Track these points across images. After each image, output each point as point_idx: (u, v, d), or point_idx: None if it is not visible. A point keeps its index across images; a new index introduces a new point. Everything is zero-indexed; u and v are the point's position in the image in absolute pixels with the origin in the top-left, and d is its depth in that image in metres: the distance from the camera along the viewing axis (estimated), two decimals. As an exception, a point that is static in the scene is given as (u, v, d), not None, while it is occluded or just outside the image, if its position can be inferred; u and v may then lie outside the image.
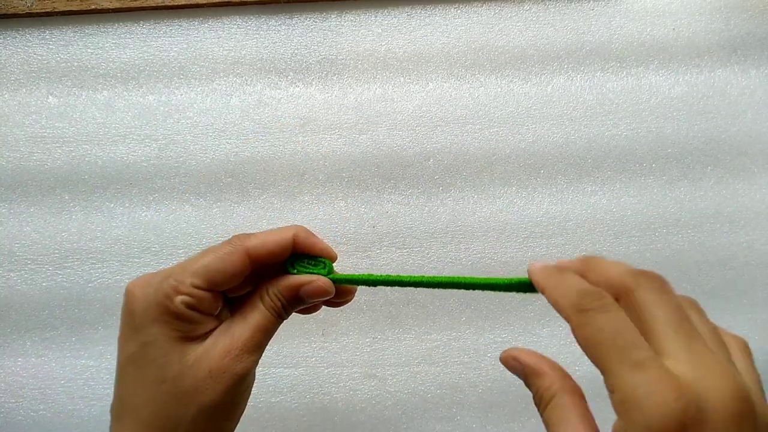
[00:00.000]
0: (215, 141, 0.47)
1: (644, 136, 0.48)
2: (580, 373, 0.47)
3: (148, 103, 0.48)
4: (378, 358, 0.45)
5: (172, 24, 0.49)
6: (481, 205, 0.47)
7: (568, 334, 0.48)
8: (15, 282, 0.45)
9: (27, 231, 0.46)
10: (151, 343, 0.28)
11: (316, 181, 0.47)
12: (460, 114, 0.48)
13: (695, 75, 0.49)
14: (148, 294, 0.28)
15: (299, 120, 0.48)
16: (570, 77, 0.49)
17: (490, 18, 0.50)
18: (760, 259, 0.47)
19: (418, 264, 0.46)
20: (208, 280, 0.29)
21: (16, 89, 0.48)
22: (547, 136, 0.48)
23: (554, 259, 0.29)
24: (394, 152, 0.47)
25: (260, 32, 0.49)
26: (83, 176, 0.47)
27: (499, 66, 0.49)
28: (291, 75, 0.49)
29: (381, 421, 0.44)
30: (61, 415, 0.44)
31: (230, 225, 0.46)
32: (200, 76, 0.48)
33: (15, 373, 0.44)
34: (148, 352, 0.28)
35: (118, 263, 0.46)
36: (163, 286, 0.28)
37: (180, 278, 0.28)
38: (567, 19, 0.50)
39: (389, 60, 0.49)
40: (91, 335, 0.45)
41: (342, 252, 0.46)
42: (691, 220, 0.47)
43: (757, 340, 0.46)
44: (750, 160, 0.48)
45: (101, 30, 0.49)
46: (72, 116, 0.48)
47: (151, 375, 0.28)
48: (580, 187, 0.48)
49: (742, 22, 0.50)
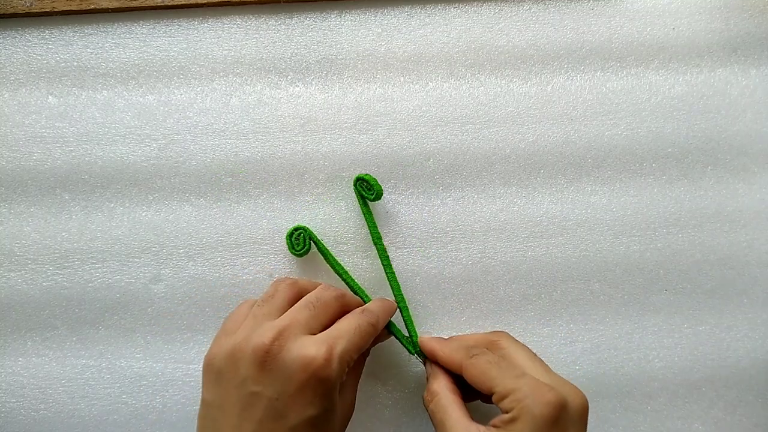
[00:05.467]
0: (215, 141, 0.47)
1: (644, 135, 0.48)
2: (580, 373, 0.47)
3: (148, 103, 0.48)
4: (378, 358, 0.45)
5: (172, 24, 0.49)
6: (481, 205, 0.47)
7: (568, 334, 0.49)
8: (15, 282, 0.45)
9: (27, 231, 0.46)
10: (332, 408, 0.34)
11: (316, 181, 0.47)
12: (460, 114, 0.48)
13: (695, 75, 0.49)
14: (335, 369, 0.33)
15: (299, 120, 0.48)
16: (570, 77, 0.49)
17: (490, 18, 0.50)
18: (760, 259, 0.47)
19: (418, 264, 0.46)
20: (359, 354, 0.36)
21: (16, 89, 0.48)
22: (547, 136, 0.48)
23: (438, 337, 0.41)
24: (394, 152, 0.48)
25: (260, 32, 0.49)
26: (83, 176, 0.47)
27: (499, 66, 0.49)
28: (291, 75, 0.49)
29: (381, 421, 0.44)
30: (62, 415, 0.44)
31: (230, 225, 0.46)
32: (200, 76, 0.48)
33: (15, 373, 0.44)
34: (329, 415, 0.34)
35: (118, 263, 0.46)
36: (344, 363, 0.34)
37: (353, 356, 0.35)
38: (567, 19, 0.50)
39: (389, 60, 0.49)
40: (91, 335, 0.45)
41: (342, 252, 0.46)
42: (691, 219, 0.47)
43: (757, 340, 0.46)
44: (750, 160, 0.48)
45: (101, 30, 0.49)
46: (72, 116, 0.48)
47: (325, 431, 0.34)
48: (580, 187, 0.48)
49: (742, 21, 0.50)
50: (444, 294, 0.46)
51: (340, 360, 0.34)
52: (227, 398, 0.34)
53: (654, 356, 0.45)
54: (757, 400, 0.45)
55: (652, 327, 0.46)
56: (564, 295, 0.46)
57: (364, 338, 0.36)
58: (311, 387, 0.33)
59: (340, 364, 0.34)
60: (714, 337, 0.46)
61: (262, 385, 0.33)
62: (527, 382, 0.34)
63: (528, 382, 0.34)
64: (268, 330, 0.34)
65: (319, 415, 0.33)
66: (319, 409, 0.33)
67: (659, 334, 0.46)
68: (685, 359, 0.45)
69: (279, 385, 0.33)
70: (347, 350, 0.34)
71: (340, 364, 0.34)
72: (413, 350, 0.42)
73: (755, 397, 0.45)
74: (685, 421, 0.44)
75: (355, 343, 0.35)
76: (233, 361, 0.34)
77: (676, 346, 0.45)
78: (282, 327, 0.34)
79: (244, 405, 0.33)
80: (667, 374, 0.45)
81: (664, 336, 0.46)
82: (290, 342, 0.33)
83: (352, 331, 0.35)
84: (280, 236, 0.46)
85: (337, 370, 0.33)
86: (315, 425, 0.33)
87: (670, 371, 0.45)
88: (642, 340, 0.45)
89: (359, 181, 0.45)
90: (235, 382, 0.33)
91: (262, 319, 0.35)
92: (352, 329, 0.36)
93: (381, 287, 0.45)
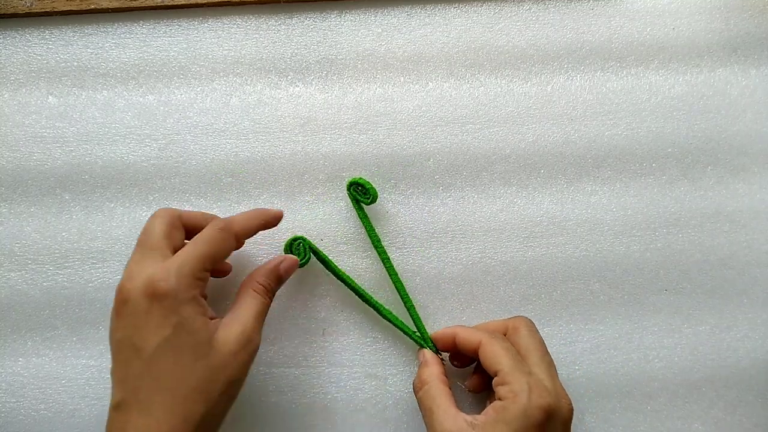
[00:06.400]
0: (215, 141, 0.47)
1: (644, 135, 0.48)
2: (580, 373, 0.47)
3: (148, 103, 0.48)
4: (378, 358, 0.45)
5: (172, 24, 0.49)
6: (481, 205, 0.47)
7: (568, 334, 0.49)
8: (15, 282, 0.45)
9: (27, 231, 0.46)
10: (185, 323, 0.32)
11: (316, 181, 0.47)
12: (460, 114, 0.48)
13: (695, 75, 0.49)
14: (172, 282, 0.32)
15: (299, 120, 0.48)
16: (570, 77, 0.49)
17: (490, 18, 0.50)
18: (760, 259, 0.47)
19: (418, 264, 0.46)
20: (213, 263, 0.35)
21: (16, 89, 0.48)
22: (547, 136, 0.48)
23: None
24: (394, 152, 0.48)
25: (260, 32, 0.49)
26: (83, 176, 0.47)
27: (499, 66, 0.49)
28: (291, 75, 0.49)
29: (381, 421, 0.44)
30: (62, 415, 0.44)
31: (230, 225, 0.46)
32: (200, 76, 0.48)
33: (15, 373, 0.44)
34: (182, 333, 0.32)
35: (118, 263, 0.46)
36: (184, 273, 0.33)
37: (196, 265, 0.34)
38: (567, 19, 0.50)
39: (389, 60, 0.49)
40: (91, 335, 0.45)
41: (342, 252, 0.46)
42: (691, 219, 0.47)
43: (757, 340, 0.46)
44: (750, 160, 0.48)
45: (101, 30, 0.49)
46: (72, 116, 0.48)
47: (188, 354, 0.32)
48: (580, 187, 0.48)
49: (742, 21, 0.50)
50: (444, 294, 0.46)
51: (177, 272, 0.33)
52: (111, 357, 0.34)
53: (654, 356, 0.45)
54: (757, 400, 0.45)
55: (652, 327, 0.46)
56: (564, 295, 0.46)
57: (209, 244, 0.35)
58: (156, 307, 0.32)
59: (177, 277, 0.33)
60: (714, 337, 0.46)
61: (122, 329, 0.33)
62: (529, 380, 0.36)
63: (530, 380, 0.36)
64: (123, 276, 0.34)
65: (171, 335, 0.32)
66: (168, 329, 0.32)
67: (659, 334, 0.46)
68: (685, 359, 0.45)
69: (132, 320, 0.33)
70: (184, 261, 0.34)
71: (177, 277, 0.33)
72: (426, 346, 0.43)
73: (755, 397, 0.45)
74: (685, 421, 0.44)
75: (196, 252, 0.34)
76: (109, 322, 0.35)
77: (676, 346, 0.45)
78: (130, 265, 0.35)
79: (114, 354, 0.34)
80: (667, 374, 0.45)
81: (664, 336, 0.46)
82: (136, 276, 0.33)
83: (193, 243, 0.35)
84: (280, 236, 0.46)
85: (174, 284, 0.33)
86: (171, 346, 0.32)
87: (670, 371, 0.45)
88: (642, 340, 0.45)
89: (353, 186, 0.45)
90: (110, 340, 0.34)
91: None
92: (193, 242, 0.35)
93: (382, 287, 0.45)
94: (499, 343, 0.38)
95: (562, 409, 0.36)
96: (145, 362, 0.32)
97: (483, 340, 0.39)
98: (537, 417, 0.34)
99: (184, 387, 0.32)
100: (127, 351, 0.33)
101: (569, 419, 0.37)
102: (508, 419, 0.34)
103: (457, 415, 0.36)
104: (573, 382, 0.44)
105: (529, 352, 0.39)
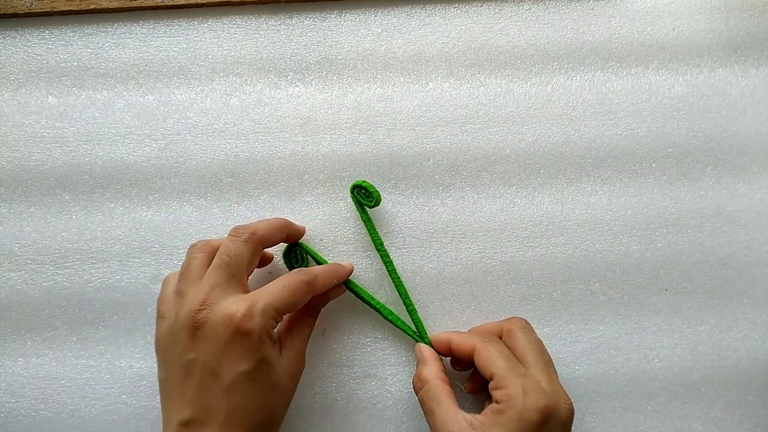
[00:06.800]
0: (215, 141, 0.47)
1: (644, 135, 0.48)
2: (580, 373, 0.47)
3: (148, 103, 0.48)
4: (378, 358, 0.45)
5: (172, 24, 0.49)
6: (481, 205, 0.47)
7: (568, 334, 0.49)
8: (15, 282, 0.45)
9: (27, 231, 0.46)
10: (266, 361, 0.35)
11: (316, 181, 0.47)
12: (460, 114, 0.48)
13: (695, 75, 0.49)
14: (258, 323, 0.35)
15: (299, 120, 0.48)
16: (570, 77, 0.49)
17: (490, 18, 0.50)
18: (760, 259, 0.47)
19: (418, 264, 0.46)
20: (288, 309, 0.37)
21: (16, 89, 0.48)
22: (547, 136, 0.48)
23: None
24: (394, 152, 0.48)
25: (260, 32, 0.49)
26: (83, 176, 0.47)
27: (499, 66, 0.49)
28: (291, 75, 0.49)
29: (381, 421, 0.44)
30: (62, 415, 0.44)
31: (230, 225, 0.46)
32: (200, 76, 0.48)
33: (15, 373, 0.44)
34: (262, 368, 0.35)
35: (118, 263, 0.46)
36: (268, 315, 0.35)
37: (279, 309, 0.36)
38: (567, 19, 0.50)
39: (389, 60, 0.49)
40: (91, 335, 0.45)
41: (342, 252, 0.46)
42: (691, 219, 0.47)
43: (757, 340, 0.46)
44: (750, 160, 0.48)
45: (101, 30, 0.49)
46: (72, 116, 0.48)
47: (265, 385, 0.36)
48: (580, 187, 0.48)
49: (742, 22, 0.50)
50: (444, 294, 0.46)
51: (262, 313, 0.35)
52: (172, 372, 0.36)
53: (654, 356, 0.45)
54: (757, 400, 0.45)
55: (652, 327, 0.46)
56: (564, 295, 0.46)
57: (294, 294, 0.37)
58: (237, 342, 0.34)
59: (262, 318, 0.35)
60: (714, 337, 0.46)
61: (195, 351, 0.35)
62: (525, 382, 0.36)
63: (525, 382, 0.36)
64: (192, 300, 0.36)
65: (253, 370, 0.35)
66: (250, 364, 0.35)
67: (659, 334, 0.46)
68: (685, 359, 0.45)
69: (210, 347, 0.35)
70: (269, 304, 0.36)
71: (262, 318, 0.35)
72: (423, 341, 0.43)
73: (755, 397, 0.45)
74: (685, 421, 0.44)
75: (281, 298, 0.36)
76: (172, 339, 0.36)
77: (676, 346, 0.45)
78: (204, 293, 0.36)
79: (184, 373, 0.35)
80: (667, 374, 0.45)
81: (664, 336, 0.46)
82: (214, 305, 0.35)
83: (279, 288, 0.37)
84: (280, 236, 0.46)
85: (259, 324, 0.35)
86: (251, 379, 0.35)
87: (670, 371, 0.45)
88: (642, 340, 0.45)
89: (356, 189, 0.45)
90: (176, 357, 0.35)
91: (187, 291, 0.37)
92: (280, 286, 0.37)
93: (382, 287, 0.45)
94: (494, 347, 0.38)
95: (561, 410, 0.36)
96: (224, 390, 0.34)
97: (477, 345, 0.39)
98: (533, 419, 0.34)
99: (258, 416, 0.35)
100: (202, 374, 0.35)
101: (569, 419, 0.36)
102: (504, 422, 0.34)
103: (457, 414, 0.36)
104: (573, 382, 0.44)
105: (526, 354, 0.39)
